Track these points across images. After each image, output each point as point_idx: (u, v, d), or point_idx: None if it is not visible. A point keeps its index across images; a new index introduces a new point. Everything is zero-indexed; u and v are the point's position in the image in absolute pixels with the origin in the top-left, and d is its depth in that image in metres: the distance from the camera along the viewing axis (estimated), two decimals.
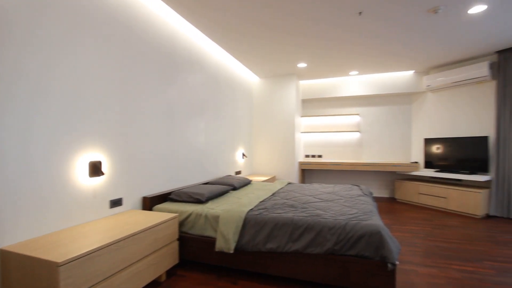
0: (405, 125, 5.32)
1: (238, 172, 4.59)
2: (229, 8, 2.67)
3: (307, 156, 5.92)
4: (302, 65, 4.53)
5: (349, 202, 2.50)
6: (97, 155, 1.98)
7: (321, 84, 5.56)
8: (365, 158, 5.54)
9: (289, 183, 3.84)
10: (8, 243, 1.46)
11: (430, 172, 4.60)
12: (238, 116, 4.61)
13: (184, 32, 3.02)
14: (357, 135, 5.59)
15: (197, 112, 3.32)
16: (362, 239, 1.79)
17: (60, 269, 1.26)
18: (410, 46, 3.69)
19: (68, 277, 1.29)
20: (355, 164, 5.04)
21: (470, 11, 2.74)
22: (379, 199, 5.17)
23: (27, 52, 1.53)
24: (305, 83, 5.67)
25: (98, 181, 1.99)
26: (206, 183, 3.25)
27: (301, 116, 5.82)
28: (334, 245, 1.83)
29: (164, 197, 2.60)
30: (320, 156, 5.83)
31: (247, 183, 3.65)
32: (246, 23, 2.99)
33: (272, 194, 2.95)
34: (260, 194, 2.85)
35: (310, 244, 1.89)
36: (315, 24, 3.01)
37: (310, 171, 5.95)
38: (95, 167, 1.93)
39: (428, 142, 4.80)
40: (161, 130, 2.68)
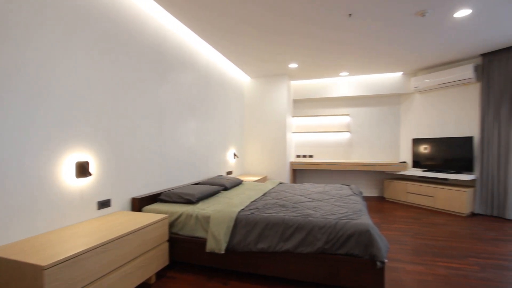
0: (394, 126, 5.42)
1: (230, 172, 4.57)
2: (220, 8, 2.66)
3: (298, 156, 5.95)
4: (294, 66, 4.55)
5: (340, 202, 2.53)
6: (85, 155, 1.93)
7: (312, 85, 5.60)
8: (355, 158, 5.62)
9: (281, 183, 3.86)
10: None
11: (418, 172, 4.70)
12: (230, 116, 4.60)
13: (175, 31, 2.99)
14: (347, 135, 5.67)
15: (188, 112, 3.29)
16: (352, 238, 1.81)
17: (45, 273, 1.22)
18: (399, 48, 3.77)
19: (54, 281, 1.26)
20: (346, 164, 5.10)
21: (456, 15, 2.81)
22: (369, 199, 5.25)
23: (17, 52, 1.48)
24: (297, 84, 5.71)
25: (86, 182, 1.95)
26: (197, 184, 3.23)
27: (293, 116, 5.85)
28: (325, 244, 1.85)
29: (154, 198, 2.57)
30: (311, 156, 5.88)
31: (238, 183, 3.64)
32: (237, 23, 2.99)
33: (263, 194, 2.95)
34: (251, 194, 2.85)
35: (301, 244, 1.90)
36: (306, 25, 3.04)
37: (301, 171, 5.99)
38: (82, 168, 1.88)
39: (416, 142, 4.90)
40: (151, 130, 2.64)
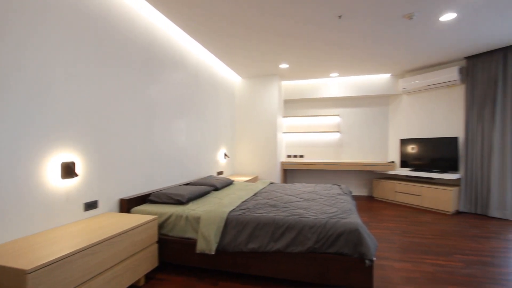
0: (383, 126, 5.52)
1: (220, 173, 4.55)
2: (210, 7, 2.64)
3: (289, 156, 5.98)
4: (284, 66, 4.57)
5: (330, 201, 2.55)
6: (71, 156, 1.88)
7: (303, 85, 5.64)
8: (345, 158, 5.69)
9: (271, 183, 3.86)
10: None
11: (406, 171, 4.81)
12: (220, 116, 4.58)
13: (165, 30, 2.95)
14: (338, 136, 5.73)
15: (178, 111, 3.25)
16: (341, 237, 1.83)
17: (29, 277, 1.19)
18: (387, 50, 3.84)
19: (38, 285, 1.22)
20: (335, 164, 5.15)
21: (442, 19, 2.89)
22: (358, 198, 5.33)
23: None
24: (287, 84, 5.73)
25: (72, 183, 1.90)
26: (187, 184, 3.20)
27: (283, 117, 5.87)
28: (315, 244, 1.86)
29: (143, 199, 2.53)
30: (302, 156, 5.91)
31: (229, 184, 3.63)
32: (228, 23, 2.97)
33: (254, 194, 2.95)
34: (242, 194, 2.85)
35: (292, 243, 1.91)
36: (297, 25, 3.05)
37: (292, 171, 6.02)
38: (68, 168, 1.83)
39: (404, 143, 5.01)
40: (140, 129, 2.59)
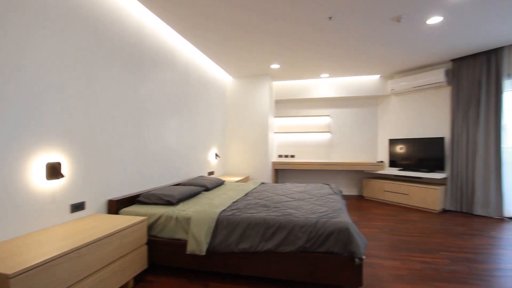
0: (372, 127, 5.61)
1: (211, 173, 4.52)
2: (202, 7, 2.62)
3: (280, 156, 6.00)
4: (275, 66, 4.59)
5: (320, 201, 2.57)
6: (56, 156, 1.83)
7: (294, 85, 5.67)
8: (336, 158, 5.75)
9: (262, 183, 3.87)
10: None
11: (394, 171, 4.90)
12: (211, 116, 4.55)
13: (155, 28, 2.90)
14: (328, 136, 5.79)
15: (168, 111, 3.21)
16: (332, 236, 1.85)
17: (11, 282, 1.14)
18: (376, 52, 3.90)
19: None
20: (326, 164, 5.20)
21: (429, 22, 2.96)
22: (348, 197, 5.39)
23: None
24: (279, 84, 5.75)
25: (58, 184, 1.84)
26: (177, 184, 3.16)
27: (275, 117, 5.89)
28: (305, 243, 1.87)
29: (132, 200, 2.48)
30: (293, 156, 5.94)
31: (220, 184, 3.61)
32: (219, 23, 2.96)
33: (245, 194, 2.95)
34: (233, 195, 2.84)
35: (282, 243, 1.92)
36: (288, 26, 3.07)
37: (283, 171, 6.04)
38: (54, 169, 1.78)
39: (392, 143, 5.11)
40: (129, 129, 2.55)
